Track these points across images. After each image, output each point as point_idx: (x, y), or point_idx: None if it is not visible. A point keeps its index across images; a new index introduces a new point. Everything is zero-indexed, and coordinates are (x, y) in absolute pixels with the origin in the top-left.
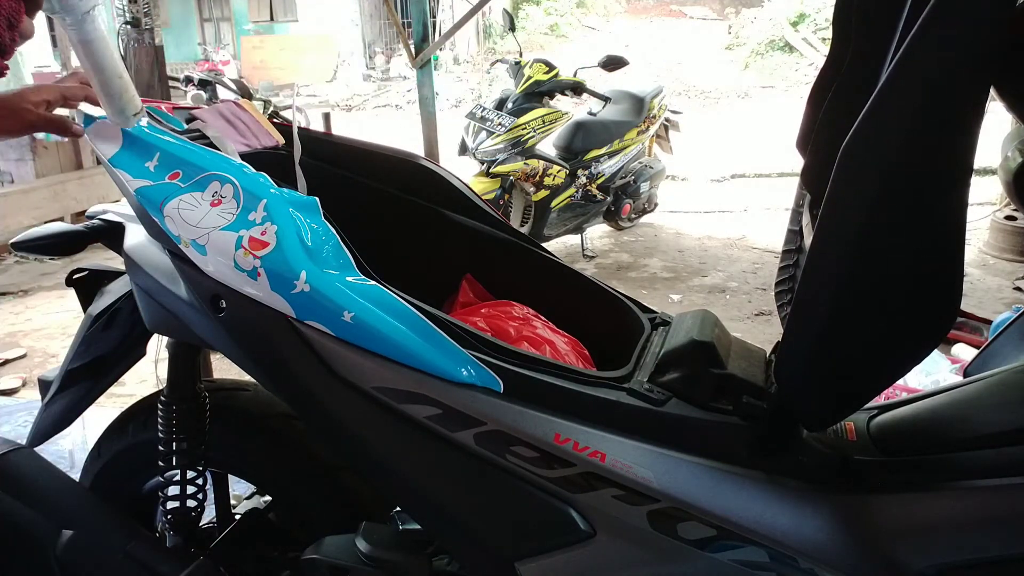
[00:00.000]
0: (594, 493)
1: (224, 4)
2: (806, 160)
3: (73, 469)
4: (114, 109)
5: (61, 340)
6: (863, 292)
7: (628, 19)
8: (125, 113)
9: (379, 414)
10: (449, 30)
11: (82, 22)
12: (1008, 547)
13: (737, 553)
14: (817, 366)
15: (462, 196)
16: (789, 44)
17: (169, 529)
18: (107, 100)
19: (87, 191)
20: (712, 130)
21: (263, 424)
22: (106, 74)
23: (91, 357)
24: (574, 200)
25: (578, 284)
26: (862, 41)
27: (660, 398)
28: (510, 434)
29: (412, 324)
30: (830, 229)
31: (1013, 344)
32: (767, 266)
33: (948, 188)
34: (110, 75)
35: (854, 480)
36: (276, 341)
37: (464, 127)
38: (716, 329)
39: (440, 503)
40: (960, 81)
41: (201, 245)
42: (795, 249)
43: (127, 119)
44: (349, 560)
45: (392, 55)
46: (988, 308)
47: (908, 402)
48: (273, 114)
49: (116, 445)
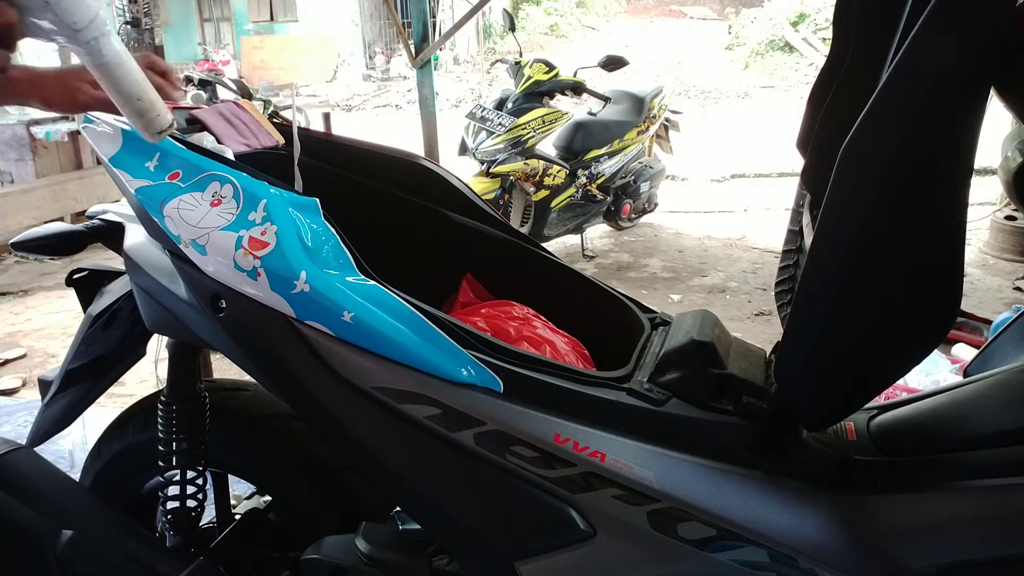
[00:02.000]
0: (594, 493)
1: (224, 4)
2: (806, 160)
3: (73, 469)
4: (141, 126)
5: (61, 340)
6: (863, 292)
7: (628, 19)
8: (149, 130)
9: (379, 414)
10: (449, 30)
11: (89, 49)
12: (1008, 547)
13: (737, 553)
14: (817, 366)
15: (462, 196)
16: (789, 44)
17: (169, 529)
18: (132, 120)
19: (87, 191)
20: (712, 130)
21: (263, 424)
22: (124, 97)
23: (91, 357)
24: (574, 200)
25: (578, 284)
26: (862, 41)
27: (660, 398)
28: (510, 434)
29: (412, 324)
30: (830, 229)
31: (1013, 344)
32: (767, 266)
33: (948, 188)
34: (129, 98)
35: (854, 480)
36: (276, 341)
37: (464, 127)
38: (716, 329)
39: (440, 503)
40: (960, 81)
41: (201, 245)
42: (795, 249)
43: (152, 136)
44: (349, 560)
45: (392, 55)
46: (988, 308)
47: (908, 402)
48: (273, 114)
49: (116, 445)
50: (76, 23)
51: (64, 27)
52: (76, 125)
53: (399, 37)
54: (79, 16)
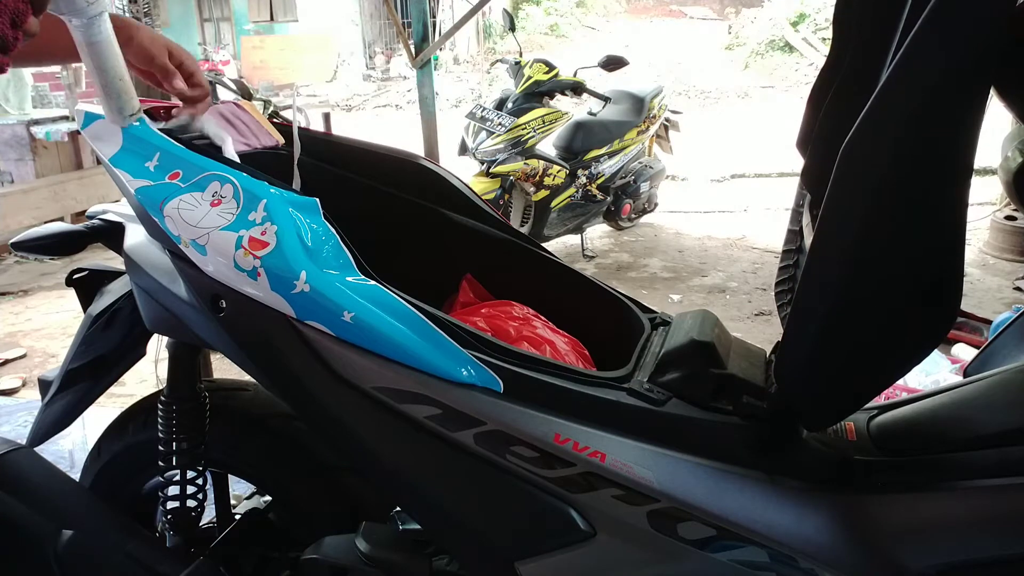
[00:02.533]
0: (594, 493)
1: (224, 4)
2: (806, 160)
3: (73, 469)
4: (112, 108)
5: (61, 340)
6: (863, 292)
7: (628, 19)
8: (123, 113)
9: (379, 414)
10: (449, 30)
11: (89, 24)
12: (1008, 547)
13: (737, 553)
14: (817, 366)
15: (462, 196)
16: (789, 44)
17: (169, 529)
18: (106, 100)
19: (87, 191)
20: (712, 130)
21: (263, 424)
22: (108, 75)
23: (91, 357)
24: (574, 200)
25: (578, 284)
26: (862, 41)
27: (660, 398)
28: (510, 434)
29: (412, 324)
30: (830, 229)
31: (1013, 344)
32: (767, 266)
33: (948, 188)
34: (112, 77)
35: (854, 480)
36: (276, 341)
37: (464, 127)
38: (716, 329)
39: (440, 503)
40: (960, 81)
41: (201, 245)
42: (795, 249)
43: (123, 119)
44: (349, 560)
45: (392, 55)
46: (988, 308)
47: (908, 402)
48: (273, 114)
49: (116, 445)
50: None
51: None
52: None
53: (399, 37)
54: None
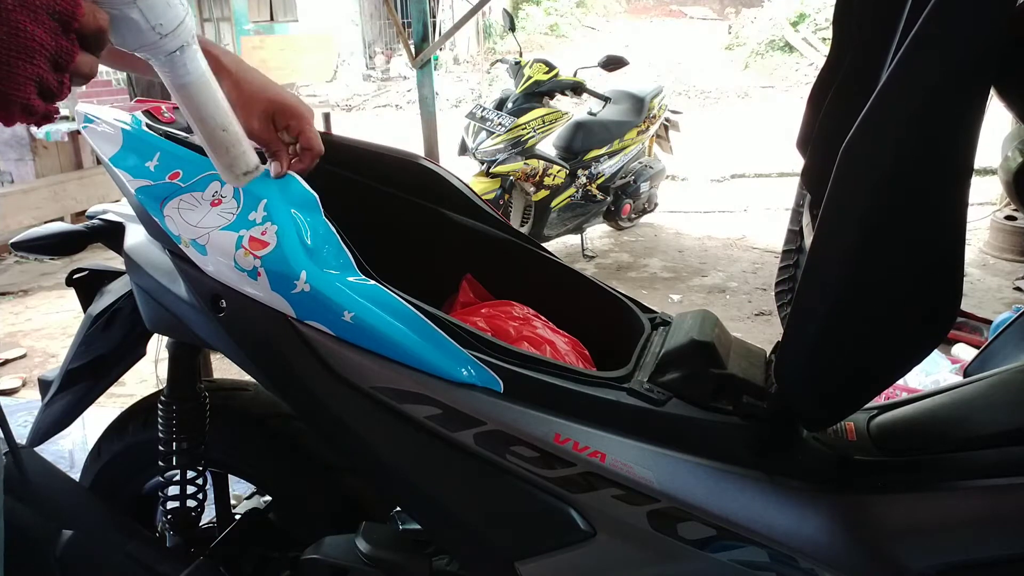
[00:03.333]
0: (594, 493)
1: (224, 4)
2: (806, 160)
3: (73, 469)
4: (221, 165)
5: (61, 340)
6: (863, 292)
7: (628, 19)
8: (234, 171)
9: (379, 414)
10: (449, 30)
11: (171, 63)
12: (1008, 547)
13: (737, 553)
14: (817, 366)
15: (462, 196)
16: (789, 44)
17: (169, 529)
18: (212, 154)
19: (87, 191)
20: (712, 130)
21: (263, 424)
22: (207, 125)
23: (91, 357)
24: (574, 200)
25: (578, 284)
26: (862, 41)
27: (660, 398)
28: (510, 434)
29: (412, 324)
30: (830, 229)
31: (1013, 344)
32: (767, 266)
33: (948, 188)
34: (212, 127)
35: (854, 480)
36: (276, 341)
37: (464, 127)
38: (716, 329)
39: (440, 503)
40: (960, 81)
41: (201, 245)
42: (795, 249)
43: (236, 177)
44: (349, 560)
45: (392, 55)
46: (988, 308)
47: (908, 402)
48: None
49: (116, 445)
50: (163, 26)
51: (149, 32)
52: (76, 125)
53: (399, 37)
54: (166, 19)
